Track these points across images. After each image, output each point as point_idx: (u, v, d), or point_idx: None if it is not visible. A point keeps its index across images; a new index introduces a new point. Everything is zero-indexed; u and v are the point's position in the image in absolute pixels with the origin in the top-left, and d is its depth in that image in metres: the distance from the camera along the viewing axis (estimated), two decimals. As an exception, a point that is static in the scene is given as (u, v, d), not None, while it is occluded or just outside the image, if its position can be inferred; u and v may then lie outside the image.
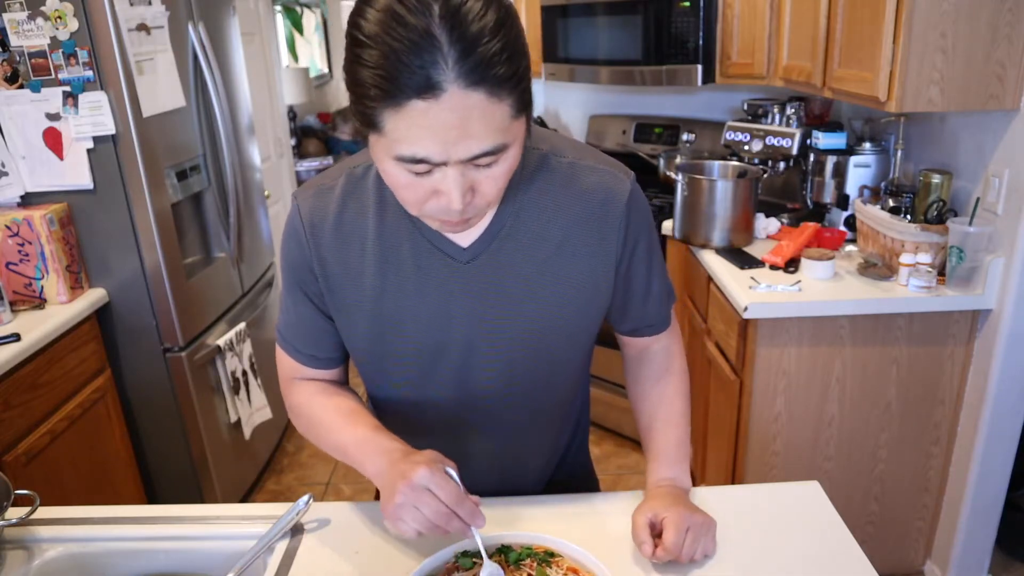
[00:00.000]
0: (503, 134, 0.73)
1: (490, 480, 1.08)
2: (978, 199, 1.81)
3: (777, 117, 2.41)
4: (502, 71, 0.69)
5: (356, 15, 0.71)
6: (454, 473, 0.84)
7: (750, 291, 1.89)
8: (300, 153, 5.07)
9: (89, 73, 1.94)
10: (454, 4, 0.67)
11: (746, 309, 1.84)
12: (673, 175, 2.34)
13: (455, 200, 0.74)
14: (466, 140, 0.70)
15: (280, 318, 1.04)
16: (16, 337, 1.80)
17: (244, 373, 2.55)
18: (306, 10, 4.90)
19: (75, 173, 2.02)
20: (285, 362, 1.05)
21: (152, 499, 2.34)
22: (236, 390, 2.49)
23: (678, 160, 2.66)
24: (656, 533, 0.93)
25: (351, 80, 0.73)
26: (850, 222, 2.22)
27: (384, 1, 0.68)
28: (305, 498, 1.04)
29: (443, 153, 0.71)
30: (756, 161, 2.44)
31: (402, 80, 0.67)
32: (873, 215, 2.01)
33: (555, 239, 0.92)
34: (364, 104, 0.72)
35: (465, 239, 0.91)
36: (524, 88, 0.73)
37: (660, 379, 1.08)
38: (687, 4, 2.46)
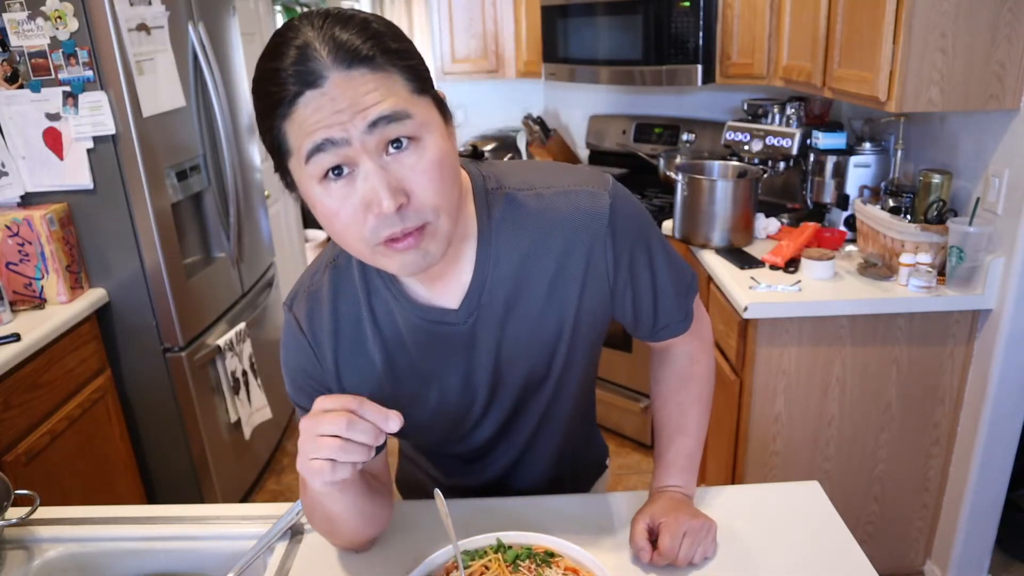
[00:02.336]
0: (402, 102, 0.71)
1: (506, 483, 1.09)
2: (978, 199, 1.81)
3: (777, 117, 2.41)
4: (377, 50, 0.71)
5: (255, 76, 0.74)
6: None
7: (750, 291, 1.89)
8: (300, 153, 5.06)
9: (89, 73, 1.94)
10: (319, 23, 0.71)
11: (746, 309, 1.84)
12: (673, 175, 2.34)
13: (384, 198, 0.70)
14: (362, 111, 0.70)
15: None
16: (16, 337, 1.80)
17: (244, 373, 2.55)
18: (306, 10, 4.91)
19: (75, 173, 2.02)
20: None
21: (152, 499, 2.34)
22: (236, 390, 2.49)
23: (678, 160, 2.66)
24: (654, 538, 0.94)
25: (259, 124, 0.74)
26: (850, 222, 2.22)
27: (266, 48, 0.73)
28: (305, 498, 1.04)
29: (343, 129, 0.69)
30: (756, 161, 2.44)
31: (288, 85, 0.69)
32: (873, 215, 2.01)
33: (546, 275, 0.88)
34: (271, 134, 0.73)
35: (452, 300, 0.88)
36: (415, 66, 0.74)
37: (678, 384, 1.05)
38: (687, 4, 2.46)
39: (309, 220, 5.07)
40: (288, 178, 0.76)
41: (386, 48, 0.71)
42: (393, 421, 0.74)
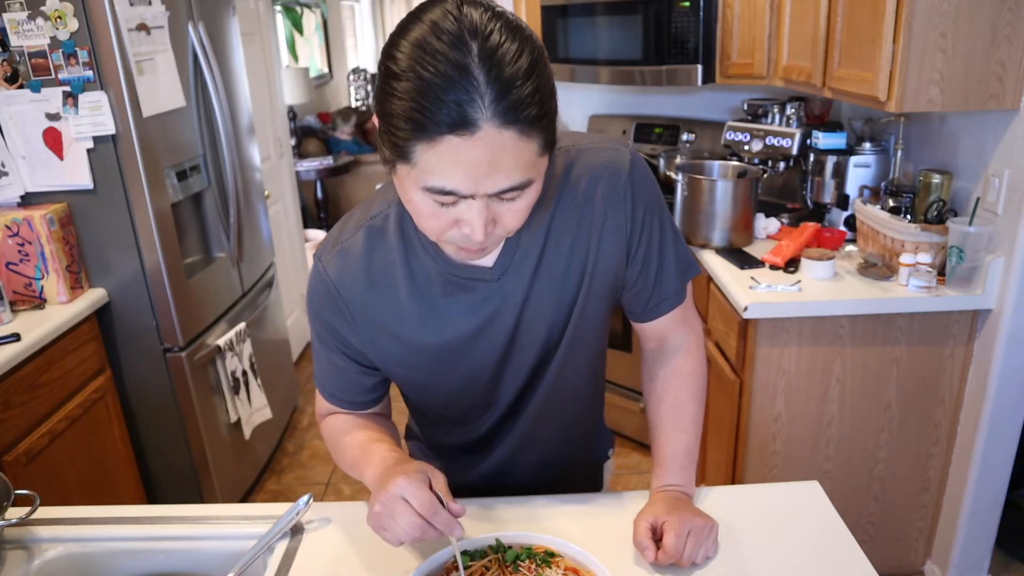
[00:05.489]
0: (530, 170, 0.74)
1: (507, 472, 1.10)
2: (978, 199, 1.81)
3: (777, 117, 2.41)
4: (534, 112, 0.71)
5: (390, 47, 0.72)
6: (441, 483, 0.86)
7: (750, 291, 1.89)
8: (300, 153, 5.07)
9: (89, 73, 1.94)
10: (491, 44, 0.68)
11: (746, 309, 1.84)
12: (673, 175, 2.34)
13: (478, 232, 0.76)
14: (495, 175, 0.72)
15: (316, 370, 1.04)
16: (16, 337, 1.80)
17: (244, 373, 2.55)
18: (306, 10, 4.90)
19: (75, 173, 2.02)
20: (324, 405, 1.06)
21: (152, 499, 2.34)
22: (236, 390, 2.49)
23: (678, 160, 2.66)
24: (657, 538, 0.94)
25: (383, 111, 0.73)
26: (850, 222, 2.22)
27: (418, 34, 0.70)
28: (305, 498, 1.04)
29: (471, 187, 0.72)
30: (756, 161, 2.44)
31: (439, 115, 0.68)
32: (873, 215, 2.01)
33: (570, 227, 0.92)
34: (396, 136, 0.72)
35: (487, 258, 0.91)
36: (552, 127, 0.75)
37: (674, 380, 1.06)
38: (687, 4, 2.46)
39: (309, 220, 5.07)
40: (390, 160, 0.77)
41: (540, 111, 0.72)
42: (456, 530, 0.84)
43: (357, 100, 6.72)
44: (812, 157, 2.29)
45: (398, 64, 0.70)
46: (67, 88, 1.95)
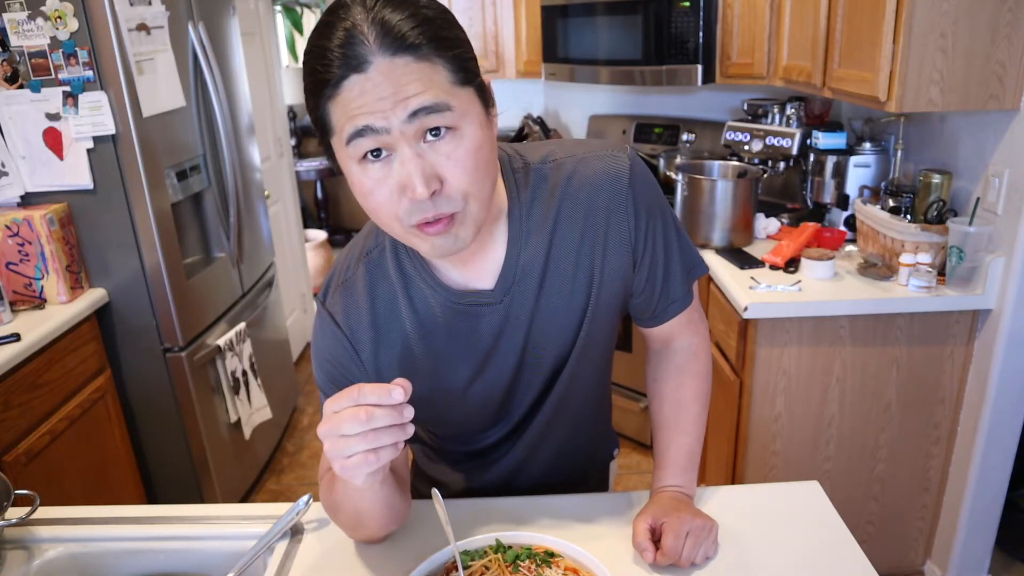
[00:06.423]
0: (444, 94, 0.73)
1: (516, 476, 1.09)
2: (978, 199, 1.81)
3: (777, 117, 2.41)
4: (423, 38, 0.72)
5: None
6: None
7: (750, 291, 1.89)
8: (300, 153, 5.07)
9: (89, 73, 1.94)
10: (372, 3, 0.72)
11: (746, 309, 1.84)
12: (673, 175, 2.34)
13: (419, 184, 0.72)
14: (403, 102, 0.71)
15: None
16: (16, 337, 1.80)
17: (244, 373, 2.55)
18: (306, 10, 4.89)
19: (75, 173, 2.02)
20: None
21: (152, 499, 2.34)
22: (236, 390, 2.49)
23: (678, 160, 2.66)
24: (656, 538, 0.94)
25: (306, 98, 0.76)
26: (850, 222, 2.22)
27: (319, 22, 0.75)
28: (305, 498, 1.04)
29: (383, 117, 0.71)
30: (756, 161, 2.44)
31: (332, 67, 0.71)
32: (873, 215, 2.01)
33: (574, 241, 0.90)
34: (316, 111, 0.75)
35: (487, 281, 0.89)
36: (461, 56, 0.75)
37: (678, 381, 1.05)
38: (687, 4, 2.46)
39: (309, 220, 5.07)
40: (330, 152, 0.79)
41: (433, 36, 0.73)
42: (397, 391, 0.72)
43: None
44: (812, 157, 2.29)
45: (305, 52, 0.75)
46: (67, 88, 1.95)
